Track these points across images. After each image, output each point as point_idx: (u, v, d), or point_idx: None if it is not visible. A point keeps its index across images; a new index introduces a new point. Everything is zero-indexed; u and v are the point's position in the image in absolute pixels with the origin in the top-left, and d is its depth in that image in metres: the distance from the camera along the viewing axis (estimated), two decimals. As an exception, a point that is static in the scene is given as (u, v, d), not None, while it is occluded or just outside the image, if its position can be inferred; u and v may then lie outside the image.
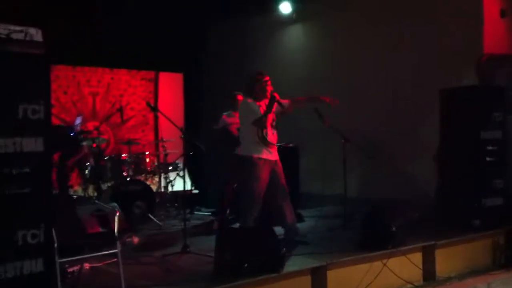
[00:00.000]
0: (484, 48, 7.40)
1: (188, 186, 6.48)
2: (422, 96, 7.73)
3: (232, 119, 7.47)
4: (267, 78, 5.69)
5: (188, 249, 5.43)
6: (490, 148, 6.55)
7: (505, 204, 6.52)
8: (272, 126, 5.69)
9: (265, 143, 5.58)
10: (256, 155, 5.54)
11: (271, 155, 5.65)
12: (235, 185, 7.34)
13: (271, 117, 5.64)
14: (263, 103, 5.63)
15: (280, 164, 5.78)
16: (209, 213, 7.99)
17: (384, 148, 8.18)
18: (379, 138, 8.28)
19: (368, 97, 8.56)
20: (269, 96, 5.58)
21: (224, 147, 7.35)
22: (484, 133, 6.55)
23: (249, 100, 5.69)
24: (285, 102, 5.73)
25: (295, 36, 10.16)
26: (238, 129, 6.13)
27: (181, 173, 8.24)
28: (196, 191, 8.63)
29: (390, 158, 8.16)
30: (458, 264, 5.78)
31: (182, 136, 5.80)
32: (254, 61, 10.69)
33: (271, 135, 5.66)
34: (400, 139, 8.03)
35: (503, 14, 7.60)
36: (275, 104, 5.54)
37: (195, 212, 8.26)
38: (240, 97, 7.38)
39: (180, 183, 7.65)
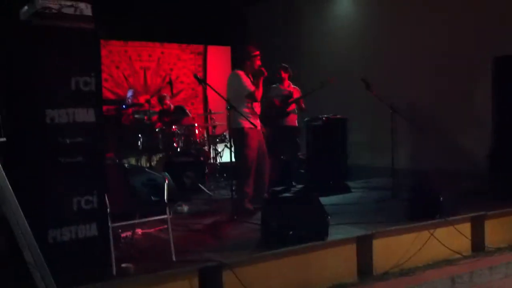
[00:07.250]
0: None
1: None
2: (473, 65, 7.53)
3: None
4: (257, 53, 6.06)
5: (236, 218, 5.57)
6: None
7: None
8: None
9: (254, 114, 5.98)
10: (248, 125, 5.83)
11: (258, 124, 6.05)
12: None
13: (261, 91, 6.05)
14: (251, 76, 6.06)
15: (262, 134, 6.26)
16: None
17: (432, 118, 8.04)
18: (428, 108, 8.14)
19: (417, 66, 8.39)
20: (257, 69, 5.97)
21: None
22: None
23: (240, 73, 6.04)
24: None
25: (345, 4, 10.02)
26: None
27: (229, 145, 8.36)
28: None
29: (439, 128, 8.01)
30: (509, 236, 5.64)
31: (229, 107, 5.86)
32: (300, 33, 10.64)
33: (257, 107, 6.10)
34: (450, 109, 7.88)
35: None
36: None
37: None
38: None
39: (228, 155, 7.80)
